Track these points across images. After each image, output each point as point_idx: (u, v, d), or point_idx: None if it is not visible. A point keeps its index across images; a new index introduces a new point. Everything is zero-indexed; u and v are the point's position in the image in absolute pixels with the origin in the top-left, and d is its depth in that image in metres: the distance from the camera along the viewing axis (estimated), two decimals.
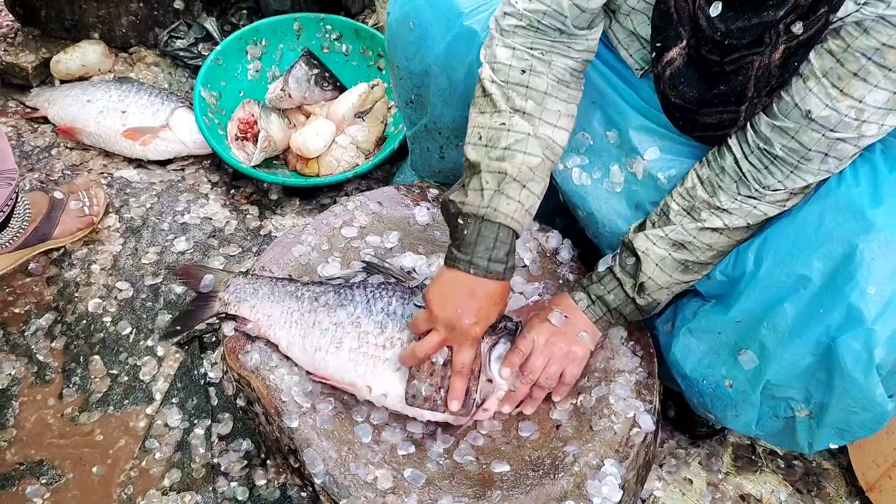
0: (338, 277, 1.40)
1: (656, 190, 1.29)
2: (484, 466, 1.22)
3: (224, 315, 1.37)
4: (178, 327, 1.41)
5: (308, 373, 1.30)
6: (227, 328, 1.36)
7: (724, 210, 1.17)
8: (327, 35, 2.28)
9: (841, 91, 1.00)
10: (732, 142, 1.15)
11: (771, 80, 1.04)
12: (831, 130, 1.03)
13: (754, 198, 1.15)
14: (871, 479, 1.45)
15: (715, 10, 1.03)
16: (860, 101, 0.99)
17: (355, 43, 2.28)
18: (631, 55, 1.25)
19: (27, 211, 1.78)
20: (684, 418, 1.58)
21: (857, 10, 0.95)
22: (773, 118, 1.08)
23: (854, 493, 1.52)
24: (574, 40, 1.20)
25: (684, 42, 1.09)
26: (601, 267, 1.31)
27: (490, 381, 1.26)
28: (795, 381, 1.18)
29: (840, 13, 0.96)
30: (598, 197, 1.36)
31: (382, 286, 1.33)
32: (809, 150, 1.06)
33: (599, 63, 1.31)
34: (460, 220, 1.18)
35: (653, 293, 1.26)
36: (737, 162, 1.14)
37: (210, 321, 1.70)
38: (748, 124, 1.12)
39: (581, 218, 1.43)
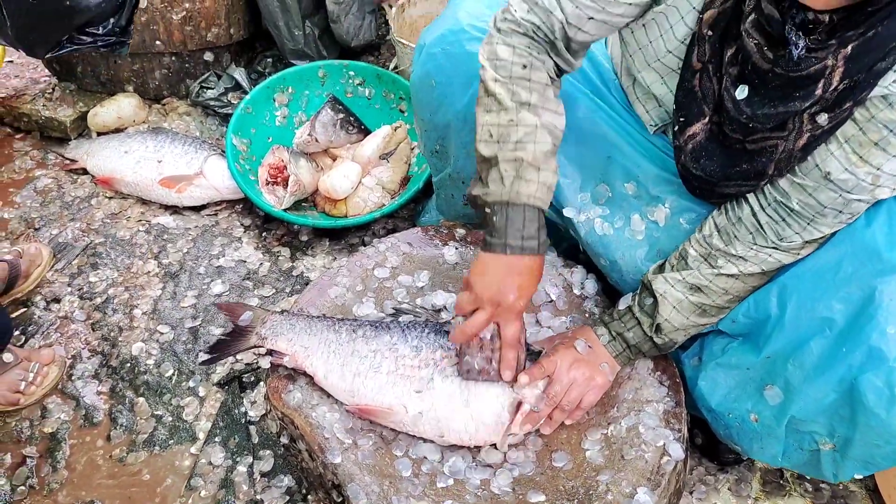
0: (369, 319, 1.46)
1: (679, 235, 1.35)
2: (520, 497, 1.26)
3: (263, 351, 1.43)
4: (214, 354, 1.47)
5: (343, 404, 1.36)
6: (264, 363, 1.43)
7: (740, 257, 1.22)
8: (350, 80, 2.37)
9: (861, 157, 1.05)
10: (749, 194, 1.20)
11: (792, 162, 1.10)
12: (847, 192, 1.09)
13: (771, 247, 1.20)
14: None
15: (741, 93, 1.07)
16: (878, 169, 1.05)
17: (378, 87, 2.37)
18: (647, 111, 1.32)
19: None
20: (711, 445, 1.62)
21: (884, 87, 1.00)
22: (793, 175, 1.13)
23: None
24: (560, 59, 1.26)
25: (707, 118, 1.15)
26: (622, 305, 1.37)
27: (516, 398, 1.32)
28: (820, 416, 1.22)
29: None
30: (621, 245, 1.42)
31: (413, 322, 1.41)
32: (825, 207, 1.12)
33: (615, 116, 1.37)
34: (487, 210, 1.23)
35: (669, 334, 1.31)
36: (754, 214, 1.19)
37: (249, 361, 1.78)
38: None
39: (604, 266, 1.48)
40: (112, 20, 2.20)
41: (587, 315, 1.50)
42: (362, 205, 2.14)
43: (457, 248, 1.61)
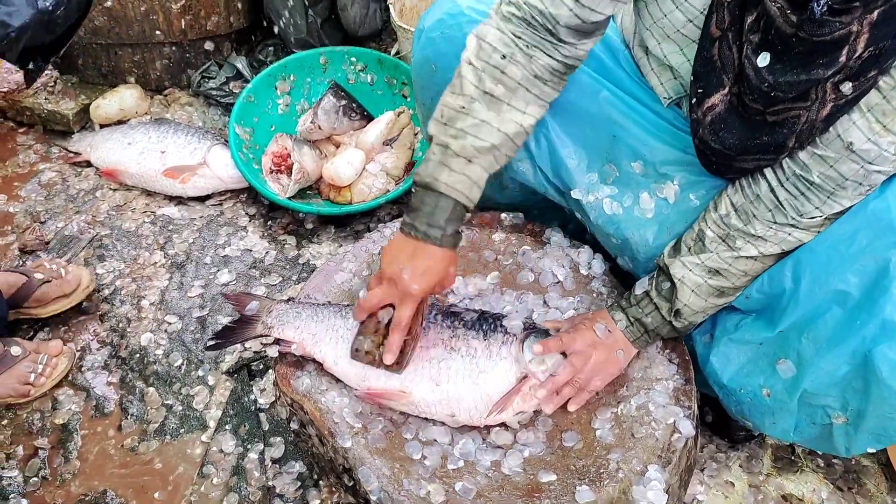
0: None
1: (689, 211, 1.34)
2: (531, 477, 1.26)
3: (270, 340, 1.44)
4: (219, 341, 1.47)
5: (354, 389, 1.36)
6: (272, 351, 1.43)
7: (759, 237, 1.21)
8: (352, 67, 2.36)
9: (884, 127, 1.03)
10: (766, 169, 1.18)
11: (814, 133, 1.08)
12: (869, 163, 1.07)
13: (790, 225, 1.19)
14: None
15: (763, 60, 1.04)
16: None
17: (380, 73, 2.36)
18: (662, 83, 1.29)
19: None
20: (722, 423, 1.61)
21: None
22: (814, 146, 1.10)
23: (895, 488, 1.54)
24: (562, 46, 1.22)
25: (727, 89, 1.12)
26: (638, 290, 1.36)
27: (524, 374, 1.33)
28: (832, 389, 1.21)
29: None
30: (631, 224, 1.40)
31: (430, 304, 1.40)
32: (846, 179, 1.10)
33: (621, 93, 1.35)
34: (413, 189, 1.26)
35: (688, 317, 1.31)
36: (773, 190, 1.18)
37: (258, 350, 1.78)
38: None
39: (615, 246, 1.46)
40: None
41: (595, 295, 1.50)
42: (367, 191, 2.13)
43: (464, 232, 1.60)
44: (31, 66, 1.31)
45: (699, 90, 1.16)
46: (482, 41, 1.23)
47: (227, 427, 1.65)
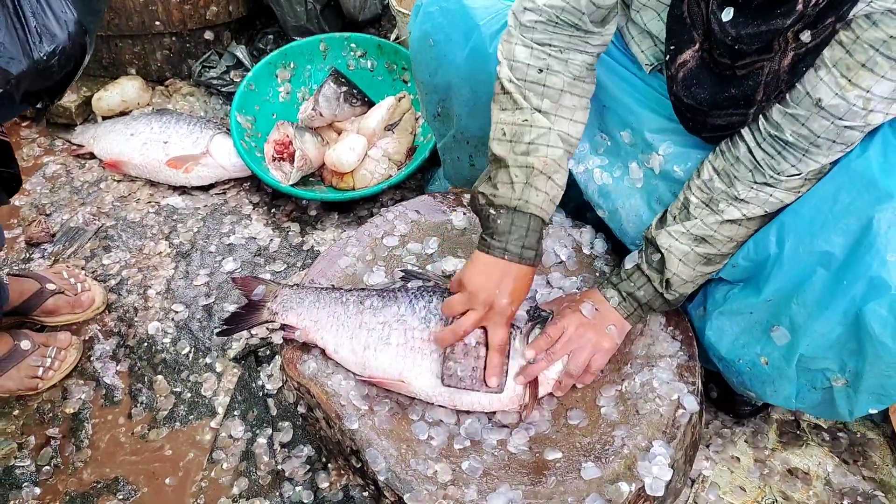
0: (378, 286, 1.47)
1: (674, 182, 1.34)
2: (537, 455, 1.27)
3: (276, 326, 1.44)
4: (228, 327, 1.47)
5: (356, 375, 1.36)
6: (277, 337, 1.44)
7: (742, 200, 1.21)
8: (352, 53, 2.36)
9: (849, 81, 1.03)
10: (745, 131, 1.19)
11: (780, 85, 1.09)
12: (839, 119, 1.07)
13: (770, 185, 1.19)
14: None
15: (726, 15, 1.06)
16: (867, 91, 1.02)
17: (380, 59, 2.36)
18: (643, 51, 1.30)
19: None
20: (727, 398, 1.62)
21: (867, 5, 0.99)
22: (785, 105, 1.11)
23: None
24: (590, 36, 1.25)
25: (697, 45, 1.14)
26: (628, 264, 1.35)
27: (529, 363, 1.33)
28: (828, 352, 1.22)
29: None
30: (620, 194, 1.41)
31: (423, 288, 1.40)
32: (818, 136, 1.10)
33: (610, 61, 1.35)
34: (492, 211, 1.26)
35: (678, 288, 1.30)
36: (750, 151, 1.18)
37: (264, 336, 1.79)
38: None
39: (604, 217, 1.47)
40: None
41: (598, 274, 1.50)
42: (369, 177, 2.14)
43: (465, 214, 1.61)
44: (39, 105, 1.34)
45: (671, 48, 1.18)
46: (512, 61, 1.25)
47: (235, 413, 1.66)
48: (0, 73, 1.19)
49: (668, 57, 1.19)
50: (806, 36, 1.03)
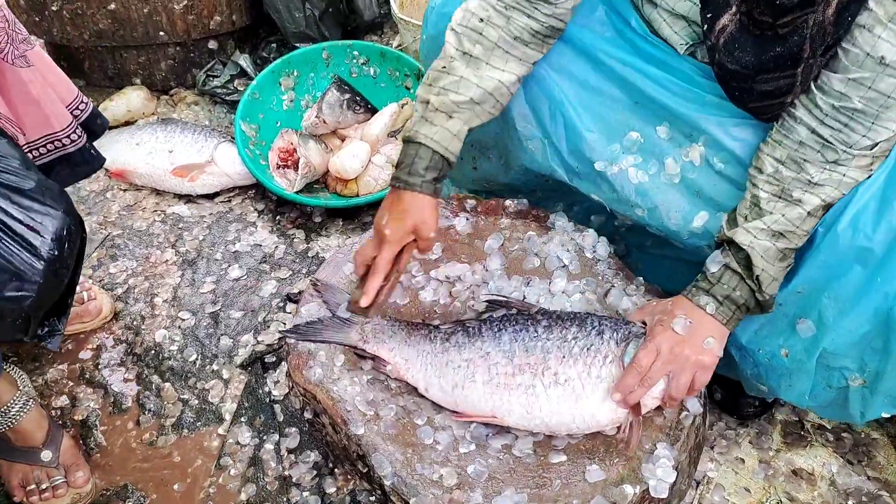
0: (467, 318, 1.44)
1: (714, 174, 1.33)
2: (542, 458, 1.28)
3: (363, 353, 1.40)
4: (304, 336, 1.41)
5: (454, 413, 1.34)
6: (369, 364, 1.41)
7: (816, 184, 1.18)
8: (355, 60, 2.38)
9: None
10: (800, 113, 1.18)
11: (826, 38, 1.07)
12: None
13: (841, 163, 1.17)
14: None
15: None
16: None
17: (382, 66, 2.37)
18: (676, 32, 1.30)
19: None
20: (731, 401, 1.63)
21: None
22: (846, 72, 1.10)
23: None
24: (540, 4, 1.27)
25: (734, 8, 1.13)
26: (714, 267, 1.27)
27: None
28: (852, 349, 1.23)
29: None
30: (659, 191, 1.39)
31: (506, 318, 1.36)
32: (888, 96, 1.09)
33: (638, 60, 1.34)
34: (402, 145, 1.35)
35: (767, 287, 1.24)
36: (814, 131, 1.17)
37: (270, 343, 1.81)
38: (812, 91, 1.15)
39: (642, 217, 1.44)
40: None
41: (600, 278, 1.51)
42: (373, 183, 2.15)
43: (468, 219, 1.62)
44: (44, 330, 1.32)
45: (708, 15, 1.17)
46: (465, 10, 1.31)
47: (242, 419, 1.68)
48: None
49: (705, 27, 1.18)
50: None
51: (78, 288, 1.75)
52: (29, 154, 1.32)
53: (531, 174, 1.58)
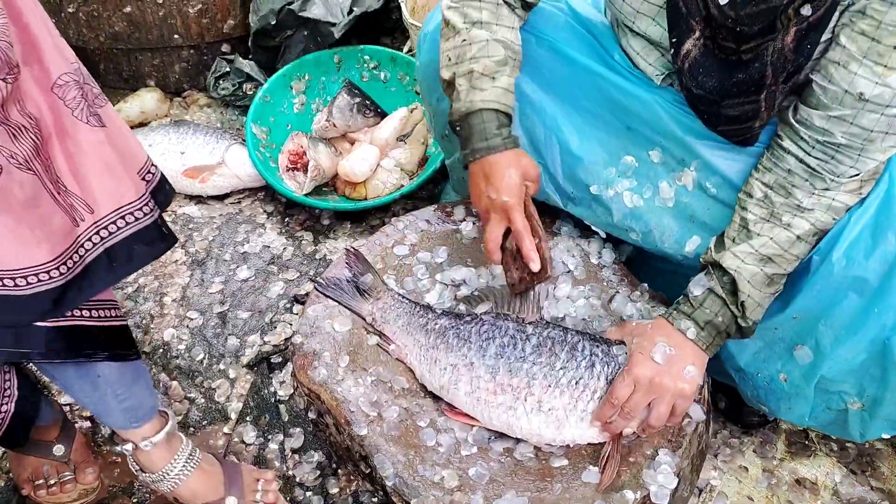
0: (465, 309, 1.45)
1: (706, 198, 1.34)
2: (543, 462, 1.29)
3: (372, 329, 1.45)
4: (325, 291, 1.46)
5: (445, 406, 1.36)
6: (374, 339, 1.44)
7: (806, 209, 1.19)
8: (366, 65, 2.40)
9: (886, 66, 1.04)
10: (787, 144, 1.19)
11: (787, 65, 1.09)
12: (887, 107, 1.07)
13: (830, 189, 1.18)
14: None
15: None
16: None
17: (393, 70, 2.39)
18: (650, 64, 1.31)
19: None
20: (735, 409, 1.63)
21: None
22: (827, 110, 1.11)
23: None
24: None
25: (697, 33, 1.15)
26: (696, 291, 1.26)
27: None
28: (849, 376, 1.23)
29: None
30: (654, 215, 1.40)
31: (496, 326, 1.35)
32: (871, 131, 1.10)
33: (629, 85, 1.35)
34: (457, 128, 1.30)
35: (751, 313, 1.23)
36: (801, 161, 1.18)
37: (277, 343, 1.82)
38: (795, 125, 1.17)
39: (636, 241, 1.45)
40: None
41: (605, 283, 1.51)
42: (381, 187, 2.17)
43: (474, 224, 1.63)
44: None
45: (674, 40, 1.19)
46: None
47: (248, 419, 1.69)
48: None
49: (672, 51, 1.20)
50: (806, 10, 1.04)
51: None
52: (95, 236, 1.11)
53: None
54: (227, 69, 2.48)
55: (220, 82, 2.50)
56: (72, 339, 1.15)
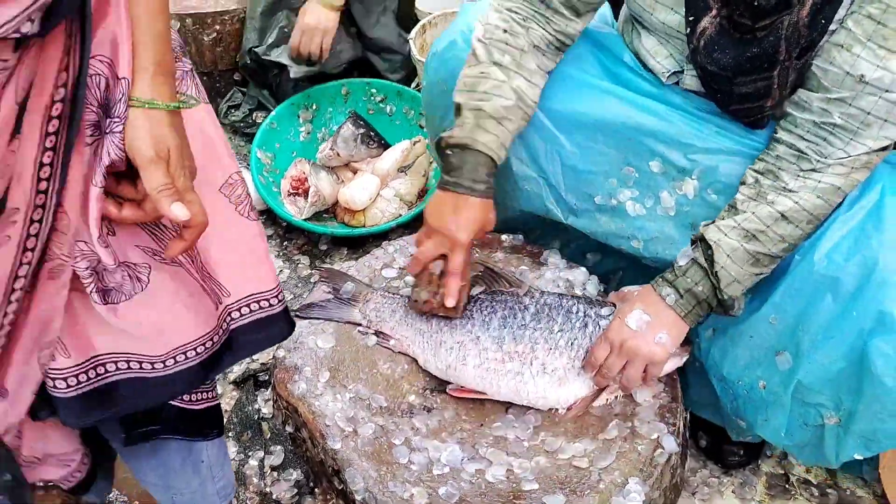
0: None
1: (707, 207, 1.36)
2: (514, 485, 1.29)
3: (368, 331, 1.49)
4: (310, 312, 1.49)
5: (450, 389, 1.41)
6: (370, 341, 1.48)
7: (791, 190, 1.21)
8: (372, 98, 2.46)
9: (888, 50, 1.07)
10: (780, 134, 1.23)
11: (801, 40, 1.13)
12: (886, 91, 1.10)
13: (817, 171, 1.20)
14: None
15: None
16: None
17: (399, 104, 2.45)
18: (658, 62, 1.36)
19: None
20: (716, 447, 1.62)
21: None
22: (827, 92, 1.15)
23: None
24: (554, 17, 1.34)
25: (714, 11, 1.19)
26: (682, 261, 1.31)
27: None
28: (827, 386, 1.23)
29: None
30: (656, 223, 1.43)
31: (496, 301, 1.43)
32: (868, 113, 1.13)
33: (627, 93, 1.39)
34: (448, 151, 1.35)
35: (727, 286, 1.25)
36: (792, 145, 1.21)
37: (265, 361, 1.84)
38: (791, 112, 1.21)
39: (637, 249, 1.48)
40: None
41: None
42: (380, 215, 2.21)
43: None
44: None
45: (690, 18, 1.23)
46: (485, 23, 1.37)
47: (229, 434, 1.70)
48: None
49: (688, 30, 1.24)
50: None
51: None
52: (228, 317, 1.12)
53: (527, 215, 1.62)
54: (240, 95, 2.56)
55: (232, 110, 2.57)
56: (189, 419, 1.20)
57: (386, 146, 2.33)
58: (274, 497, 1.57)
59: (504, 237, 1.68)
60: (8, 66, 0.78)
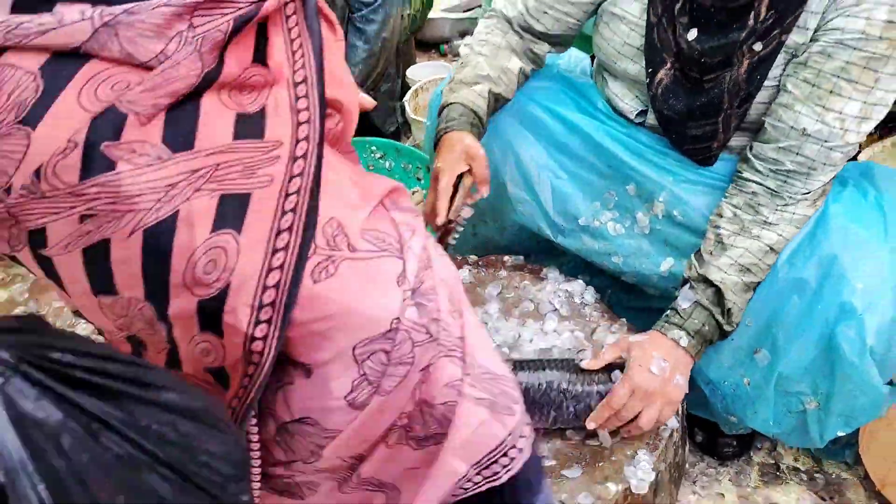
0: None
1: (674, 225, 1.54)
2: None
3: None
4: None
5: None
6: None
7: (771, 223, 1.39)
8: (372, 154, 2.66)
9: (824, 107, 1.29)
10: (747, 174, 1.41)
11: (740, 92, 1.36)
12: (825, 141, 1.31)
13: (790, 204, 1.38)
14: (881, 475, 1.60)
15: (691, 35, 1.36)
16: (840, 112, 1.28)
17: (397, 160, 2.65)
18: (626, 103, 1.58)
19: None
20: (711, 442, 1.76)
21: (818, 42, 1.27)
22: (777, 143, 1.35)
23: (872, 497, 1.66)
24: (522, 35, 1.58)
25: (669, 64, 1.42)
26: (684, 304, 1.40)
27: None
28: (804, 374, 1.39)
29: (799, 40, 1.30)
30: (633, 241, 1.60)
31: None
32: (814, 160, 1.34)
33: (608, 131, 1.59)
34: (440, 128, 1.50)
35: (735, 318, 1.39)
36: (761, 184, 1.40)
37: None
38: (752, 159, 1.40)
39: (617, 265, 1.64)
40: None
41: (587, 318, 1.69)
42: None
43: (470, 270, 1.82)
44: None
45: (650, 70, 1.45)
46: (471, 37, 1.63)
47: None
48: None
49: (648, 80, 1.46)
50: (758, 46, 1.31)
51: None
52: None
53: (525, 232, 1.80)
54: None
55: None
56: None
57: None
58: None
59: (507, 258, 1.85)
60: None
